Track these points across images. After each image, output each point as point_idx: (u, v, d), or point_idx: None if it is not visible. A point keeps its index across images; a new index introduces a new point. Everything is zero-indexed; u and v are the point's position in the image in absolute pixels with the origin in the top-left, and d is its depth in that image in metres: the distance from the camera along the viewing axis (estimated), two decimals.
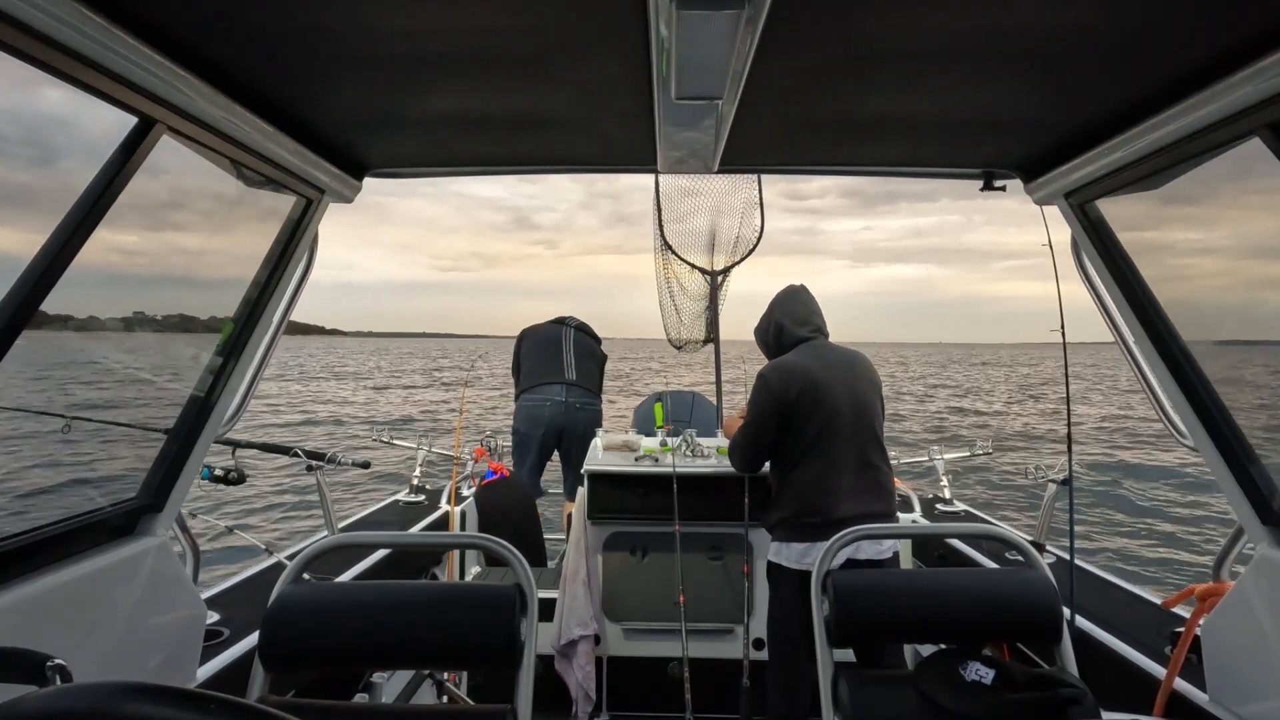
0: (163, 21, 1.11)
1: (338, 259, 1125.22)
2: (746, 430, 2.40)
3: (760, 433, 2.35)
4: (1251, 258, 1.66)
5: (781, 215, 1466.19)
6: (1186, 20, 1.07)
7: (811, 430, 2.29)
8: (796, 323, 2.44)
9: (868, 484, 2.32)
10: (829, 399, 2.29)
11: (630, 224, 52.40)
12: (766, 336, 2.51)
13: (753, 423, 2.37)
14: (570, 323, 4.52)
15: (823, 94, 1.42)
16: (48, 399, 3.63)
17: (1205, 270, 1.70)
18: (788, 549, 2.32)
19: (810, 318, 2.46)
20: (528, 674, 1.48)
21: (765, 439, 2.35)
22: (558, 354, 4.36)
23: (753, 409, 2.38)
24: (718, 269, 3.81)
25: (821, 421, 2.28)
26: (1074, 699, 1.46)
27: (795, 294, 2.52)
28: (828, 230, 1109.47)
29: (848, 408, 2.31)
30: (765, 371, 2.38)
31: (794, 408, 2.29)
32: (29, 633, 1.22)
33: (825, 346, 2.42)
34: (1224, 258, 1.69)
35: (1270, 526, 1.53)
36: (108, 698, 0.51)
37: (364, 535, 2.93)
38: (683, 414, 3.95)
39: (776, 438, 2.33)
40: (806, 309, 2.48)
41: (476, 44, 1.20)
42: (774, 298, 2.54)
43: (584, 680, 2.67)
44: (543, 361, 4.33)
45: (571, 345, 4.40)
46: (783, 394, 2.29)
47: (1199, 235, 1.70)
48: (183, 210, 1.68)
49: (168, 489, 1.64)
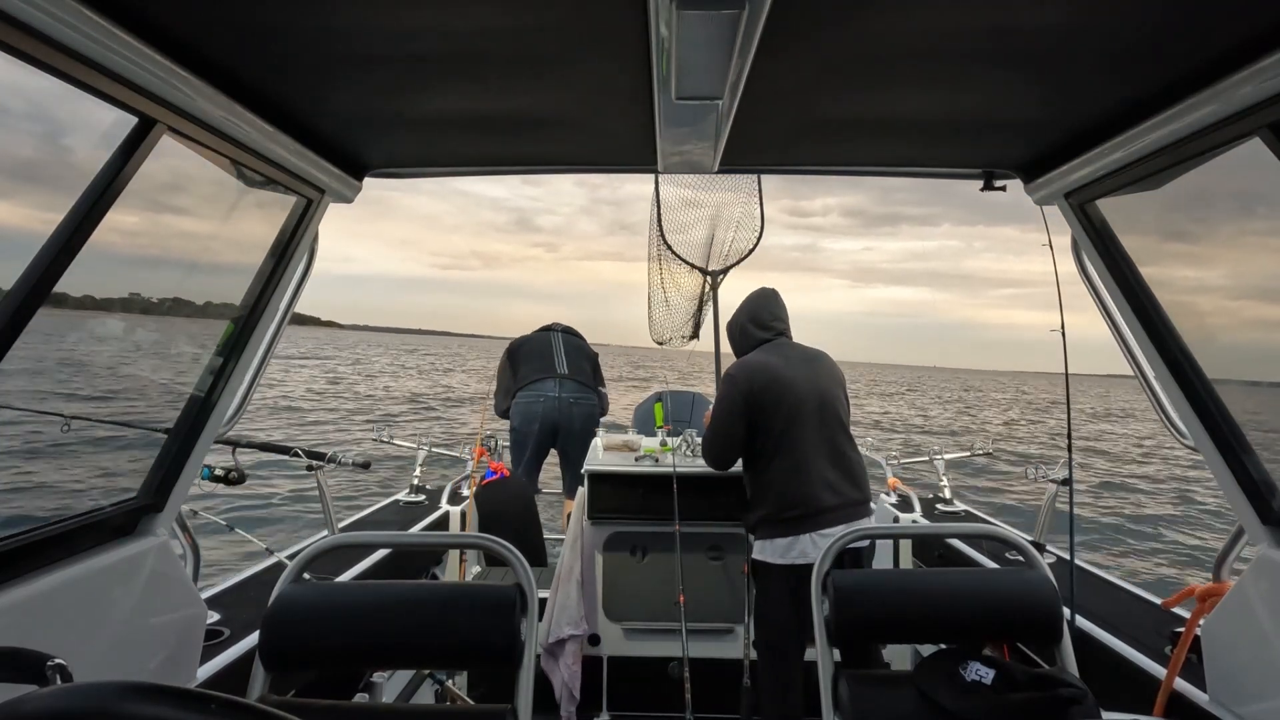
0: (163, 21, 1.11)
1: (337, 252, 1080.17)
2: (714, 426, 2.47)
3: (729, 427, 2.41)
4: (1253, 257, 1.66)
5: (783, 231, 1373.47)
6: (1187, 20, 1.07)
7: (779, 423, 2.34)
8: (760, 325, 2.54)
9: (843, 473, 2.37)
10: (791, 392, 2.36)
11: (632, 232, 50.22)
12: (732, 337, 2.63)
13: (720, 418, 2.44)
14: (557, 328, 4.65)
15: (823, 94, 1.42)
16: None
17: (1206, 270, 1.70)
18: (771, 545, 2.35)
19: (773, 321, 2.56)
20: (528, 674, 1.48)
21: (735, 433, 2.40)
22: (548, 352, 4.47)
23: (718, 406, 2.46)
24: (716, 269, 3.81)
25: (787, 413, 2.35)
26: (1074, 699, 1.46)
27: (762, 297, 2.61)
28: (829, 249, 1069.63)
29: (811, 399, 2.38)
30: (730, 369, 2.49)
31: (757, 401, 2.36)
32: (29, 632, 1.22)
33: (787, 345, 2.52)
34: (1224, 257, 1.69)
35: (1270, 526, 1.53)
36: (108, 697, 0.51)
37: (364, 535, 2.93)
38: (683, 414, 3.96)
39: (746, 434, 2.39)
40: (770, 312, 2.57)
41: (476, 44, 1.20)
42: (744, 300, 2.63)
43: (569, 679, 2.66)
44: (535, 363, 4.43)
45: (561, 345, 4.50)
46: (746, 388, 2.38)
47: (1200, 235, 1.70)
48: (183, 213, 1.68)
49: (168, 489, 1.64)
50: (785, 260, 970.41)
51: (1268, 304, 1.64)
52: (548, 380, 4.32)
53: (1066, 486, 2.48)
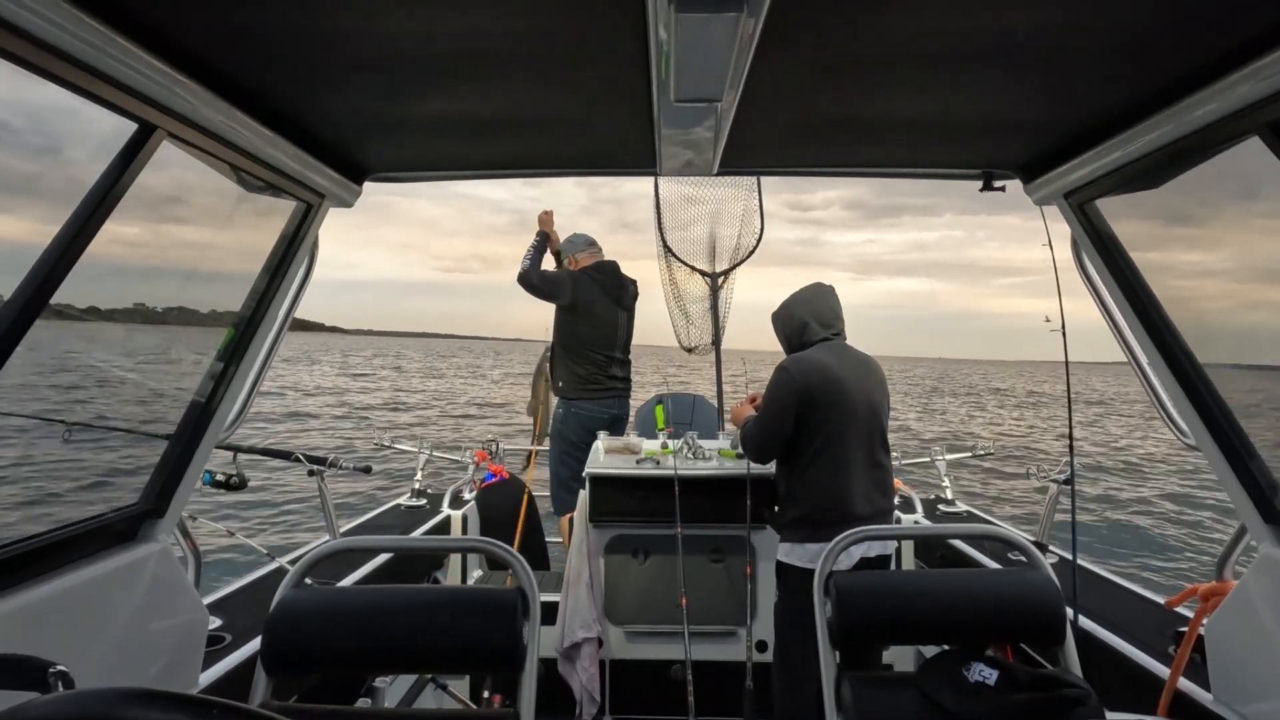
0: (163, 27, 1.11)
1: (339, 257, 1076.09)
2: (762, 420, 2.40)
3: (780, 423, 2.34)
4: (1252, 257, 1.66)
5: (784, 225, 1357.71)
6: (1185, 20, 1.07)
7: (827, 426, 2.30)
8: (822, 323, 2.46)
9: (876, 483, 2.35)
10: (846, 397, 2.31)
11: (633, 230, 52.23)
12: (788, 329, 2.51)
13: (770, 413, 2.37)
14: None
15: (822, 95, 1.42)
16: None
17: (1206, 269, 1.70)
18: (801, 549, 2.32)
19: (835, 320, 2.48)
20: (530, 677, 1.48)
21: (783, 429, 2.34)
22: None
23: (770, 399, 2.38)
24: (718, 271, 3.82)
25: (837, 418, 2.30)
26: (1078, 699, 1.45)
27: (825, 293, 2.52)
28: (831, 242, 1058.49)
29: (862, 407, 2.33)
30: (786, 363, 2.39)
31: (813, 401, 2.30)
32: (31, 639, 1.22)
33: (843, 347, 2.45)
34: (1225, 257, 1.69)
35: (1273, 525, 1.53)
36: (110, 704, 0.51)
37: (365, 540, 2.93)
38: (684, 416, 3.95)
39: (792, 431, 2.33)
40: (833, 311, 2.50)
41: (475, 48, 1.20)
42: (801, 293, 2.53)
43: (588, 682, 2.67)
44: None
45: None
46: (804, 385, 2.31)
47: (1199, 234, 1.70)
48: (184, 218, 1.68)
49: (169, 494, 1.64)
50: (787, 255, 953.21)
51: (1269, 303, 1.64)
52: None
53: (1068, 486, 2.47)
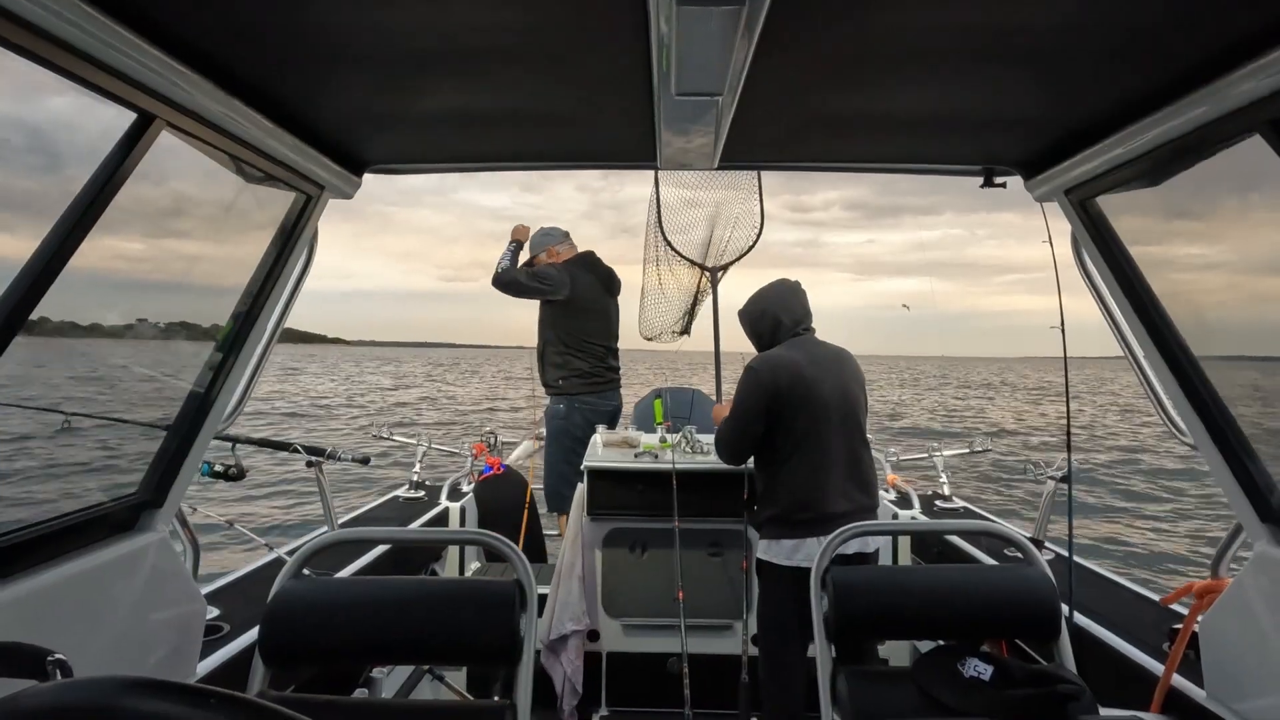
0: (162, 17, 1.11)
1: (340, 268, 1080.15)
2: (733, 422, 2.40)
3: (748, 424, 2.35)
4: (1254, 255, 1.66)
5: (785, 227, 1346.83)
6: (1187, 17, 1.07)
7: (801, 424, 2.29)
8: (792, 320, 2.45)
9: (855, 479, 2.34)
10: (817, 393, 2.30)
11: (634, 234, 51.29)
12: (759, 327, 2.49)
13: (739, 415, 2.37)
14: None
15: (823, 90, 1.41)
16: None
17: (1206, 267, 1.69)
18: (777, 546, 2.33)
19: (804, 316, 2.48)
20: (527, 670, 1.48)
21: (753, 431, 2.35)
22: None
23: (739, 401, 2.38)
24: (715, 265, 3.80)
25: (810, 415, 2.29)
26: (1072, 695, 1.46)
27: (793, 290, 2.52)
28: (831, 243, 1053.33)
29: (836, 402, 2.32)
30: (754, 364, 2.38)
31: (782, 400, 2.29)
32: (29, 627, 1.23)
33: (813, 342, 2.44)
34: (1226, 255, 1.69)
35: (1269, 524, 1.53)
36: (108, 693, 0.51)
37: (364, 531, 2.93)
38: (682, 410, 3.95)
39: (765, 432, 2.34)
40: (802, 306, 2.50)
41: (476, 40, 1.20)
42: (768, 289, 2.52)
43: (572, 675, 2.67)
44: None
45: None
46: (771, 385, 2.30)
47: (1200, 232, 1.69)
48: (182, 213, 1.68)
49: (168, 484, 1.64)
50: (787, 256, 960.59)
51: (1269, 301, 1.64)
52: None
53: (1065, 483, 2.48)
